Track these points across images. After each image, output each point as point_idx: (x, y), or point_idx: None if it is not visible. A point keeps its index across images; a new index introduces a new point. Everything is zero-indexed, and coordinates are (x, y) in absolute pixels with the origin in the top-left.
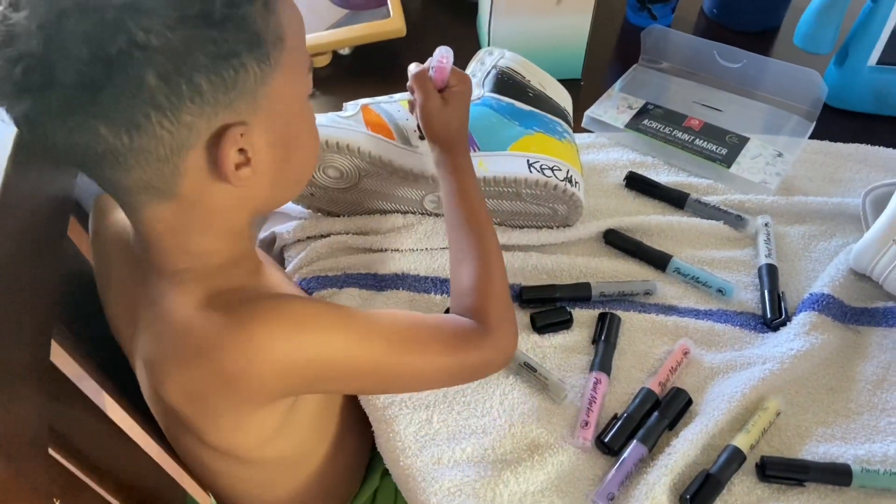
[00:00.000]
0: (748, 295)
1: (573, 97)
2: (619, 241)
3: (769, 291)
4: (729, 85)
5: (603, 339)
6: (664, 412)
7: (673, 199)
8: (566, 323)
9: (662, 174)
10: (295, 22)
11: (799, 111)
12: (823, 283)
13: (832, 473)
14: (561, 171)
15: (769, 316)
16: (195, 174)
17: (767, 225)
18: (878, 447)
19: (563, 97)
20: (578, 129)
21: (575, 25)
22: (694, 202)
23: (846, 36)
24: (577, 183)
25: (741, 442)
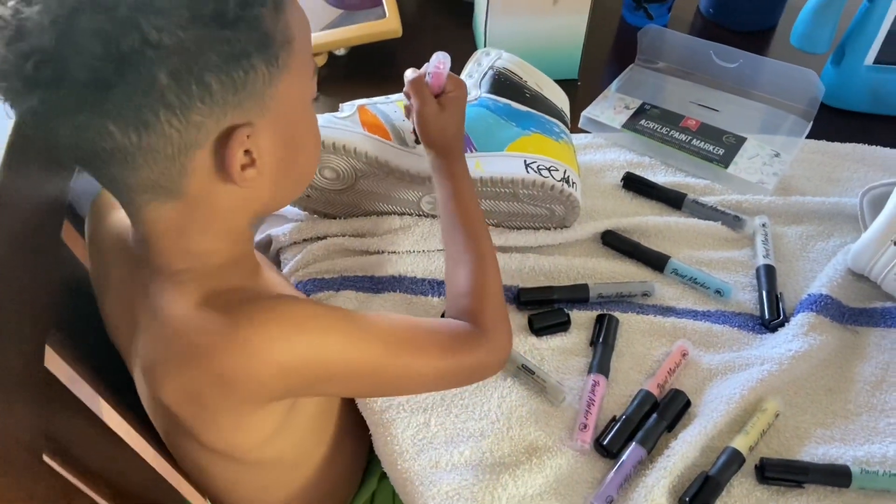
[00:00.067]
0: (746, 296)
1: (570, 97)
2: (616, 242)
3: (767, 292)
4: (726, 85)
5: (601, 340)
6: (663, 414)
7: (670, 199)
8: (564, 325)
9: (659, 174)
10: (302, 25)
11: (796, 111)
12: (821, 283)
13: (831, 475)
14: (558, 171)
15: (767, 317)
16: (201, 174)
17: (765, 225)
18: (877, 448)
19: (559, 98)
20: (575, 129)
21: (571, 25)
22: (691, 203)
23: (843, 35)
24: (574, 183)
25: (740, 444)
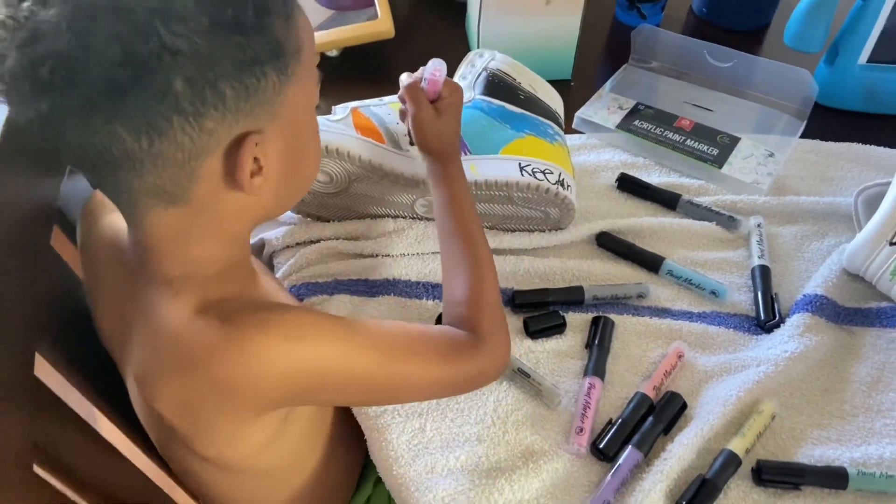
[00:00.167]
0: (741, 296)
1: (563, 98)
2: (611, 243)
3: (762, 293)
4: (719, 84)
5: (596, 343)
6: (659, 417)
7: (665, 200)
8: (559, 327)
9: (654, 175)
10: (309, 34)
11: (790, 110)
12: (816, 283)
13: (828, 477)
14: (553, 174)
15: (763, 318)
16: (209, 181)
17: (760, 225)
18: (873, 449)
19: (553, 99)
20: (569, 130)
21: (564, 26)
22: (686, 203)
23: (836, 34)
24: (568, 186)
25: (736, 446)
